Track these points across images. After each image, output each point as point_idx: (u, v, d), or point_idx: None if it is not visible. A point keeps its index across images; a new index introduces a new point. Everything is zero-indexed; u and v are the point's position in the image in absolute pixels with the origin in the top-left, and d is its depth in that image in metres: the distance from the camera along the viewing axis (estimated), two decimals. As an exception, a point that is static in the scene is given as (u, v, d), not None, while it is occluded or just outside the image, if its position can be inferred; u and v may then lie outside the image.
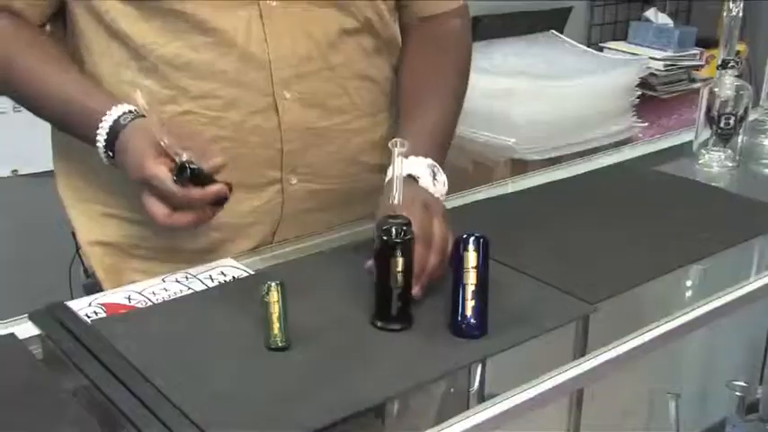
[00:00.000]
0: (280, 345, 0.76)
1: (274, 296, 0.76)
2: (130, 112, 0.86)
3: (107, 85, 0.93)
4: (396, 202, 0.81)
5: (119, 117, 0.85)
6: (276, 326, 0.76)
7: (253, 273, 0.89)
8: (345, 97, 0.98)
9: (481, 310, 0.81)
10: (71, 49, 0.96)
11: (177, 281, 0.88)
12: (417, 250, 0.82)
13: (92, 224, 1.01)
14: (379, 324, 0.82)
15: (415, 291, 0.82)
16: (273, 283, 0.76)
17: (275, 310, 0.76)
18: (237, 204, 0.95)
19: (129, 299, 0.84)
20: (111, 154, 0.86)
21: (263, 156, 0.95)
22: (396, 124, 1.02)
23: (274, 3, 0.91)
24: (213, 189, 0.82)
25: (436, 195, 0.94)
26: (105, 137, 0.85)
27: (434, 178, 0.94)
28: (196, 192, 0.80)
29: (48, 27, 0.98)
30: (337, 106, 0.97)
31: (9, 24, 0.91)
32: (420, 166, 0.93)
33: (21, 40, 0.91)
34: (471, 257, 0.80)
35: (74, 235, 1.03)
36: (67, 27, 0.96)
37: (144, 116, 0.84)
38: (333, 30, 0.94)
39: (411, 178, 0.92)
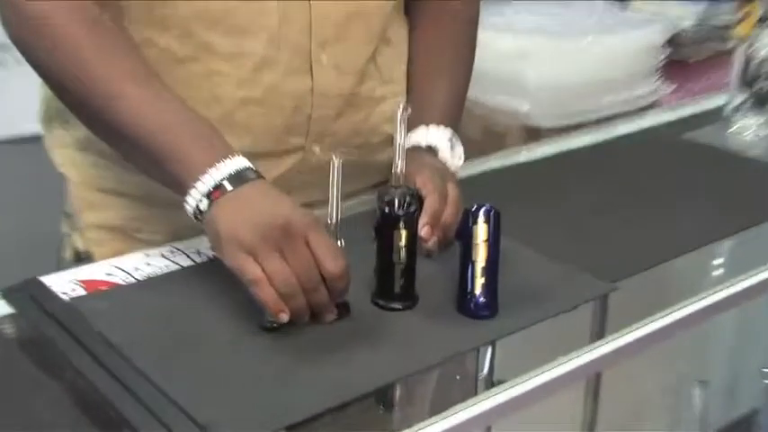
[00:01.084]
0: (274, 324, 0.76)
1: None
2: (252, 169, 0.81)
3: None
4: (399, 170, 0.82)
5: (246, 168, 0.80)
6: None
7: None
8: (371, 63, 1.00)
9: (491, 288, 0.81)
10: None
11: (162, 255, 0.88)
12: (432, 200, 0.86)
13: (93, 202, 1.00)
14: (380, 302, 0.83)
15: (426, 233, 0.85)
16: None
17: None
18: None
19: (110, 275, 0.85)
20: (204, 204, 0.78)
21: (291, 122, 0.95)
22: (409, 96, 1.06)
23: None
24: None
25: (452, 169, 0.98)
26: (219, 180, 0.78)
27: (452, 150, 0.98)
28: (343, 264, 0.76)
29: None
30: (366, 72, 0.99)
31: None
32: (440, 138, 0.98)
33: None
34: (481, 231, 0.81)
35: (66, 214, 1.03)
36: None
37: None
38: None
39: (430, 149, 0.98)
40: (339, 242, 0.79)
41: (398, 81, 1.06)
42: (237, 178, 0.78)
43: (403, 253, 0.81)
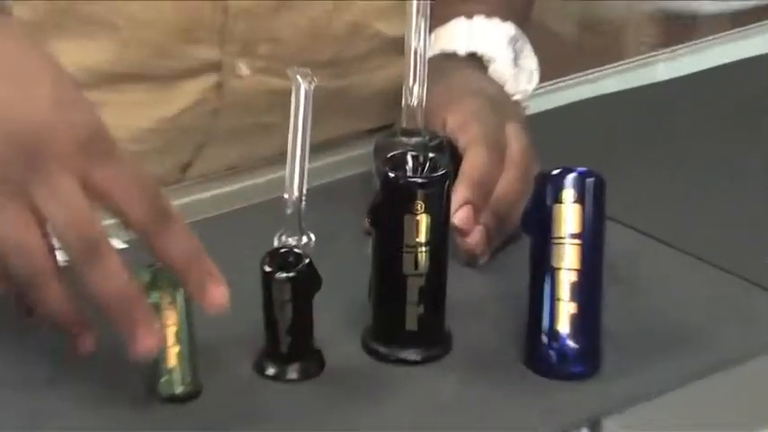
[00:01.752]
0: (177, 392, 0.77)
1: (168, 295, 0.77)
2: None
3: None
4: (414, 101, 0.82)
5: None
6: (172, 354, 0.77)
7: (126, 246, 0.84)
8: None
9: (589, 323, 0.81)
10: None
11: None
12: (477, 157, 0.89)
13: None
14: (380, 350, 0.83)
15: (463, 219, 0.87)
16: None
17: (171, 320, 0.77)
18: (133, 115, 1.00)
19: None
20: None
21: (193, 19, 0.98)
22: None
23: None
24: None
25: (516, 97, 1.01)
26: None
27: (516, 62, 1.01)
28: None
29: None
30: None
31: None
32: (495, 38, 1.01)
33: None
34: (570, 216, 0.81)
35: None
36: None
37: None
38: None
39: (475, 61, 1.00)
40: (304, 237, 0.80)
41: None
42: None
43: (422, 258, 0.80)
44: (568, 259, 0.81)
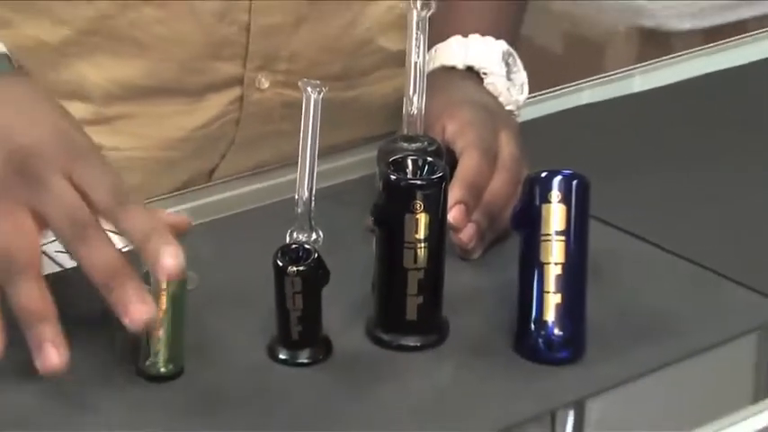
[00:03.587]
0: (162, 370, 0.79)
1: (158, 283, 0.78)
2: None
3: None
4: (414, 110, 0.85)
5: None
6: (161, 335, 0.79)
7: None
8: None
9: (574, 312, 0.82)
10: None
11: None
12: (471, 161, 0.91)
13: None
14: (383, 337, 0.85)
15: (457, 217, 0.88)
16: None
17: (163, 302, 0.78)
18: (165, 125, 1.04)
19: None
20: None
21: (217, 36, 1.00)
22: None
23: None
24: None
25: (509, 107, 1.03)
26: None
27: (509, 76, 1.04)
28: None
29: None
30: None
31: None
32: (489, 54, 1.03)
33: None
34: (556, 214, 0.82)
35: None
36: None
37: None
38: None
39: (472, 74, 1.02)
40: (313, 234, 0.82)
41: None
42: None
43: (421, 253, 0.82)
44: (555, 254, 0.82)
